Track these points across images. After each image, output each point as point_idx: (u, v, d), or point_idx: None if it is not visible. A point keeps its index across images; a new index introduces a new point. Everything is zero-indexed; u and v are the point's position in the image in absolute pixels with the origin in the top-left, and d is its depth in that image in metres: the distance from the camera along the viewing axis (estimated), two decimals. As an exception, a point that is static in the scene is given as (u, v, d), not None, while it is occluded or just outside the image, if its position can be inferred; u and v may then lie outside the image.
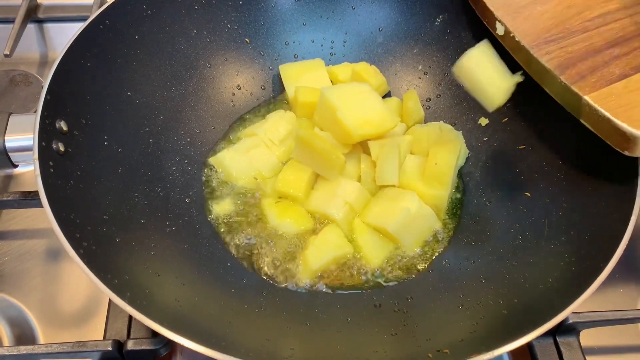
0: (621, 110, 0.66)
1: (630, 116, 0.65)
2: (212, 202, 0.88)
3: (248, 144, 0.91)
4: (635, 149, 0.65)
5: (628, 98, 0.67)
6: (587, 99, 0.68)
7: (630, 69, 0.70)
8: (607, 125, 0.66)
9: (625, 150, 0.66)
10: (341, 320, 0.74)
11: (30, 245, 0.89)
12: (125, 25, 0.85)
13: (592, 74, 0.70)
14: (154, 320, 0.59)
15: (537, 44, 0.76)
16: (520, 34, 0.77)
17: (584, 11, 0.77)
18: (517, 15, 0.80)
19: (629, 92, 0.67)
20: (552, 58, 0.73)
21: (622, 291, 0.87)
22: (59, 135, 0.72)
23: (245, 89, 1.00)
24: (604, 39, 0.74)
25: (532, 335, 0.59)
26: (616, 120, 0.65)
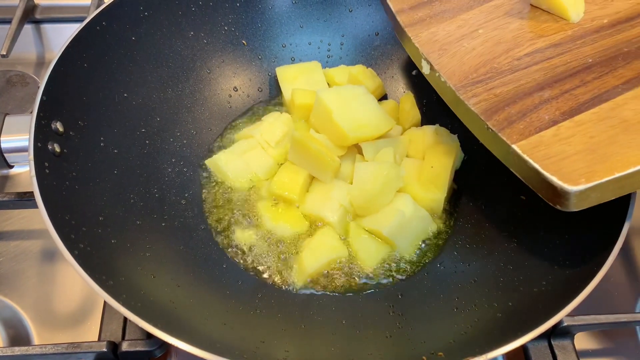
0: (550, 161, 0.60)
1: (560, 168, 0.59)
2: (208, 204, 0.88)
3: (244, 146, 0.91)
4: (567, 204, 0.59)
5: (557, 148, 0.61)
6: (515, 148, 0.62)
7: (560, 114, 0.64)
8: (536, 177, 0.60)
9: (557, 204, 0.60)
10: (336, 322, 0.74)
11: (26, 246, 0.89)
12: (122, 27, 0.85)
13: (520, 119, 0.65)
14: (148, 322, 0.58)
15: (464, 85, 0.70)
16: (446, 74, 0.72)
17: (513, 48, 0.73)
18: (444, 52, 0.75)
19: (559, 141, 0.61)
20: (479, 101, 0.68)
21: (618, 295, 0.87)
22: (55, 136, 0.72)
23: (242, 90, 1.00)
24: (534, 80, 0.68)
25: (526, 338, 0.59)
26: (545, 173, 0.59)
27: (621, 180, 0.58)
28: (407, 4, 0.83)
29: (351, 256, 0.82)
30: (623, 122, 0.61)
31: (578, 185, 0.57)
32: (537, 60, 0.71)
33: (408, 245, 0.83)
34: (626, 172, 0.57)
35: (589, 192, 0.58)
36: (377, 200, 0.82)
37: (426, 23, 0.79)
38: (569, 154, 0.60)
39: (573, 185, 0.57)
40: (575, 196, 0.58)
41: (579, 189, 0.57)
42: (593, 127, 0.62)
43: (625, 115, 0.61)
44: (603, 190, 0.58)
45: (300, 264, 0.80)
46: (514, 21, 0.76)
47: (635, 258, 0.90)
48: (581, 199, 0.59)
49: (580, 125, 0.62)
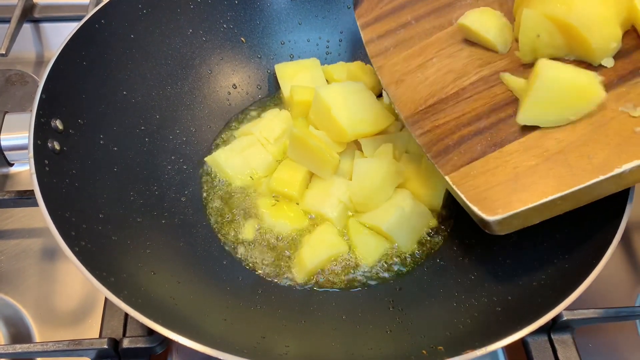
0: (475, 192, 0.63)
1: (482, 199, 0.62)
2: (208, 201, 0.88)
3: (243, 143, 0.91)
4: (491, 229, 0.63)
5: (483, 179, 0.64)
6: (447, 179, 0.66)
7: (492, 145, 0.66)
8: (466, 205, 0.63)
9: (485, 229, 0.64)
10: (336, 317, 0.75)
11: (26, 245, 0.89)
12: (120, 25, 0.85)
13: (455, 150, 0.67)
14: (149, 318, 0.59)
15: (413, 116, 0.73)
16: (399, 105, 0.74)
17: (461, 77, 0.73)
18: (401, 83, 0.76)
19: (486, 172, 0.64)
20: (423, 133, 0.71)
21: (618, 288, 0.87)
22: (55, 134, 0.72)
23: (241, 88, 1.00)
24: (473, 110, 0.70)
25: (525, 331, 0.59)
26: (469, 203, 0.63)
27: (538, 209, 0.60)
28: (376, 32, 0.84)
29: (351, 252, 0.82)
30: (545, 151, 0.63)
31: (495, 215, 0.61)
32: (480, 89, 0.71)
33: (407, 240, 0.83)
34: (539, 202, 0.60)
35: (509, 220, 0.61)
36: (377, 196, 0.82)
37: (389, 53, 0.81)
38: (493, 184, 0.63)
39: (491, 215, 0.61)
40: (496, 224, 0.62)
41: (496, 218, 0.61)
42: (518, 157, 0.64)
43: (548, 144, 0.63)
44: (521, 218, 0.61)
45: (300, 260, 0.80)
46: (467, 48, 0.76)
47: (635, 252, 0.91)
48: (503, 226, 0.62)
49: (507, 155, 0.65)
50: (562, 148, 0.62)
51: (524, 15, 0.65)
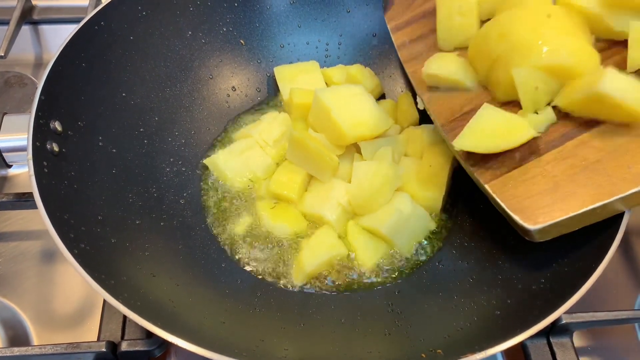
0: (516, 201, 0.64)
1: (523, 207, 0.64)
2: (206, 203, 0.88)
3: (242, 146, 0.91)
4: (531, 237, 0.64)
5: (523, 188, 0.65)
6: (487, 188, 0.67)
7: (530, 153, 0.67)
8: (507, 213, 0.65)
9: (525, 236, 0.65)
10: (335, 321, 0.75)
11: (25, 247, 0.89)
12: (120, 27, 0.85)
13: (494, 158, 0.68)
14: (148, 321, 0.59)
15: (448, 124, 0.74)
16: (434, 112, 0.75)
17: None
18: (436, 89, 0.78)
19: (525, 181, 0.65)
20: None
21: (617, 292, 0.87)
22: (54, 136, 0.72)
23: (240, 90, 1.00)
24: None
25: (525, 335, 0.59)
26: (510, 212, 0.64)
27: (578, 217, 0.62)
28: (408, 36, 0.85)
29: (350, 255, 0.82)
30: (583, 160, 0.63)
31: (537, 224, 0.62)
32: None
33: (406, 243, 0.83)
34: (580, 211, 0.61)
35: (549, 228, 0.62)
36: (376, 199, 0.82)
37: (423, 58, 0.81)
38: (533, 193, 0.64)
39: (532, 224, 0.62)
40: (536, 233, 0.63)
41: (537, 227, 0.62)
42: (556, 165, 0.65)
43: (586, 153, 0.64)
44: (562, 226, 0.63)
45: (299, 262, 0.80)
46: None
47: (634, 255, 0.91)
48: (543, 234, 0.64)
49: (546, 164, 0.65)
50: (601, 157, 0.62)
51: (516, 75, 0.65)
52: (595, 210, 0.61)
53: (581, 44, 0.66)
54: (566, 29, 0.66)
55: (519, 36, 0.66)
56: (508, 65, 0.66)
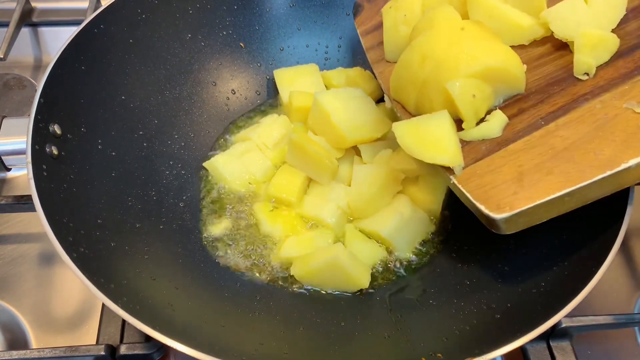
0: (481, 191, 0.63)
1: (488, 197, 0.62)
2: (206, 206, 0.87)
3: (242, 148, 0.91)
4: (498, 228, 0.63)
5: (489, 178, 0.64)
6: (452, 179, 0.66)
7: (496, 144, 0.66)
8: (473, 205, 0.63)
9: (492, 229, 0.64)
10: (335, 324, 0.74)
11: (23, 250, 0.89)
12: (119, 29, 0.85)
13: (462, 149, 0.67)
14: (147, 325, 0.58)
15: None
16: (401, 110, 0.75)
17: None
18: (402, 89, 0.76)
19: (491, 171, 0.64)
20: None
21: (616, 295, 0.87)
22: (53, 139, 0.72)
23: (240, 93, 1.00)
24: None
25: (525, 339, 0.59)
26: (475, 202, 0.63)
27: (544, 206, 0.60)
28: (376, 40, 0.86)
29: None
30: (550, 149, 0.63)
31: (502, 213, 0.60)
32: None
33: (406, 246, 0.83)
34: (546, 199, 0.59)
35: (515, 218, 0.61)
36: (375, 202, 0.82)
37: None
38: (498, 182, 0.63)
39: (498, 213, 0.61)
40: (503, 222, 0.61)
41: (503, 216, 0.60)
42: (523, 155, 0.64)
43: (554, 142, 0.63)
44: (529, 215, 0.61)
45: (295, 265, 0.80)
46: None
47: (634, 259, 0.91)
48: (510, 224, 0.62)
49: (512, 154, 0.64)
50: (568, 145, 0.62)
51: (451, 88, 0.65)
52: (563, 198, 0.59)
53: (500, 45, 0.68)
54: (482, 36, 0.67)
55: (442, 53, 0.66)
56: (439, 83, 0.66)
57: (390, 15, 0.81)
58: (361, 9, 0.91)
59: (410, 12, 0.78)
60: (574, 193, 0.59)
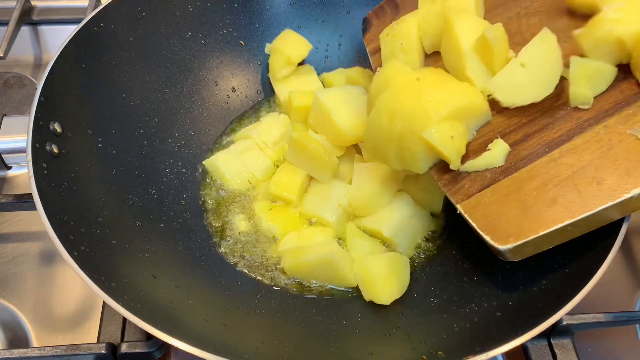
0: (486, 221, 0.64)
1: (494, 227, 0.63)
2: (206, 205, 0.87)
3: (241, 147, 0.91)
4: (505, 257, 0.64)
5: (494, 208, 0.65)
6: (459, 208, 0.67)
7: (501, 172, 0.66)
8: (478, 233, 0.64)
9: (498, 256, 0.65)
10: (336, 322, 0.74)
11: (24, 248, 0.89)
12: (119, 28, 0.85)
13: (466, 177, 0.68)
14: (148, 323, 0.58)
15: None
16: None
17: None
18: None
19: (495, 201, 0.65)
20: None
21: (618, 293, 0.87)
22: (53, 137, 0.72)
23: (240, 91, 1.00)
24: (481, 137, 0.70)
25: (526, 337, 0.59)
26: (481, 233, 0.64)
27: (549, 236, 0.61)
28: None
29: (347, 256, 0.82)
30: (555, 177, 0.63)
31: (507, 244, 0.62)
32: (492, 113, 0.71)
33: (408, 244, 0.82)
34: (550, 229, 0.60)
35: (520, 247, 0.62)
36: (376, 200, 0.82)
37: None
38: (503, 213, 0.64)
39: (502, 244, 0.62)
40: (508, 253, 0.62)
41: (507, 247, 0.62)
42: (528, 184, 0.64)
43: (557, 170, 0.63)
44: (533, 245, 0.62)
45: (286, 261, 0.80)
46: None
47: (635, 256, 0.91)
48: (515, 254, 0.63)
49: (517, 182, 0.65)
50: (571, 174, 0.62)
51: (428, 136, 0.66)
52: (567, 228, 0.60)
53: (459, 84, 0.69)
54: (439, 80, 0.69)
55: (409, 107, 0.67)
56: (416, 135, 0.67)
57: (387, 43, 0.81)
58: (369, 25, 0.91)
59: (406, 41, 0.79)
60: (577, 223, 0.60)
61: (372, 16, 0.91)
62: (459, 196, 0.68)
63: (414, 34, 0.79)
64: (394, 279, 0.76)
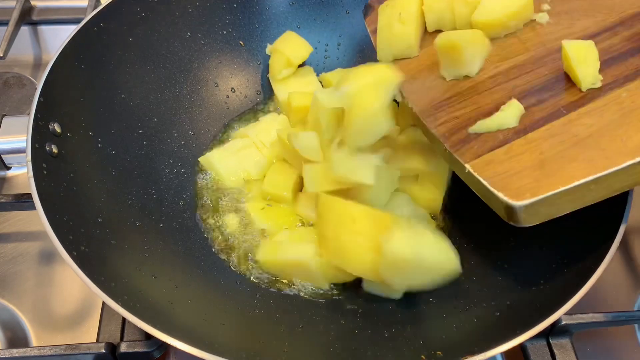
0: (499, 178, 0.61)
1: (507, 184, 0.60)
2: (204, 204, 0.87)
3: (238, 145, 0.91)
4: (517, 219, 0.60)
5: (507, 165, 0.62)
6: (468, 167, 0.64)
7: (514, 133, 0.64)
8: (489, 194, 0.61)
9: (510, 220, 0.61)
10: (335, 322, 0.74)
11: (23, 248, 0.89)
12: (119, 28, 0.85)
13: (475, 139, 0.66)
14: (147, 323, 0.58)
15: (427, 110, 0.72)
16: (413, 100, 0.74)
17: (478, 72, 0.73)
18: (414, 80, 0.76)
19: (509, 159, 0.62)
20: (440, 124, 0.70)
21: (617, 293, 0.87)
22: (52, 138, 0.72)
23: (240, 91, 1.00)
24: (493, 101, 0.68)
25: (524, 337, 0.59)
26: (493, 189, 0.60)
27: (568, 194, 0.58)
28: None
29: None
30: (573, 136, 0.61)
31: (522, 200, 0.58)
32: (499, 81, 0.71)
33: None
34: (571, 185, 0.57)
35: (537, 206, 0.58)
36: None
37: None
38: (517, 170, 0.61)
39: (518, 200, 0.58)
40: (523, 211, 0.58)
41: (523, 203, 0.58)
42: (544, 143, 0.62)
43: (576, 130, 0.61)
44: (551, 205, 0.58)
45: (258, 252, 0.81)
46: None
47: (634, 256, 0.91)
48: (530, 214, 0.59)
49: (532, 142, 0.63)
50: (592, 132, 0.60)
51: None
52: (589, 186, 0.57)
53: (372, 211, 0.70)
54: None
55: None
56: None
57: (385, 13, 0.80)
58: (371, 10, 0.90)
59: (405, 11, 0.78)
60: (600, 181, 0.57)
61: (374, 1, 0.90)
62: (467, 156, 0.65)
63: (414, 5, 0.77)
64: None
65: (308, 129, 0.89)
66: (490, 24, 0.74)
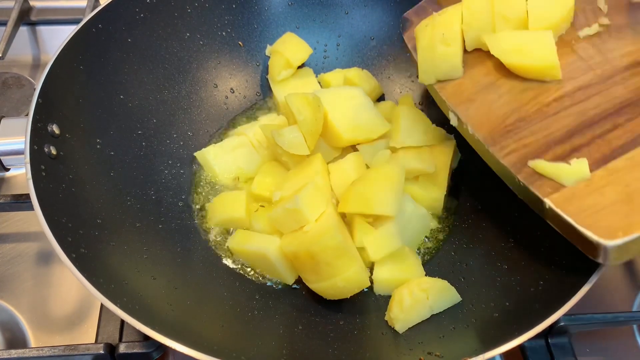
0: (585, 215, 0.57)
1: (595, 221, 0.56)
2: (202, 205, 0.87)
3: (234, 143, 0.91)
4: (605, 257, 0.56)
5: (591, 199, 0.58)
6: (548, 202, 0.60)
7: (593, 162, 0.60)
8: (572, 230, 0.58)
9: (597, 258, 0.58)
10: (333, 323, 0.74)
11: (22, 249, 0.89)
12: (118, 29, 0.85)
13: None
14: (146, 325, 0.59)
15: (493, 137, 0.68)
16: (474, 125, 0.69)
17: (540, 95, 0.68)
18: (471, 103, 0.71)
19: (592, 192, 0.58)
20: (509, 153, 0.65)
21: (615, 293, 0.87)
22: (51, 139, 0.72)
23: (239, 92, 1.00)
24: (563, 127, 0.65)
25: (524, 338, 0.59)
26: (580, 228, 0.56)
27: None
28: None
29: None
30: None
31: (615, 239, 0.55)
32: (566, 105, 0.66)
33: (407, 244, 0.82)
34: None
35: (629, 245, 0.55)
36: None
37: None
38: (604, 205, 0.57)
39: (610, 239, 0.55)
40: (614, 250, 0.55)
41: (616, 243, 0.55)
42: (628, 174, 0.58)
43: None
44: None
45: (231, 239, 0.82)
46: None
47: (632, 257, 0.91)
48: (620, 252, 0.56)
49: (614, 173, 0.59)
50: None
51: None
52: None
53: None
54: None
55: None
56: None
57: (426, 34, 0.76)
58: (409, 23, 0.85)
59: (448, 31, 0.74)
60: None
61: (411, 15, 0.86)
62: (546, 189, 0.61)
63: (457, 25, 0.74)
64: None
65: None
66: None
